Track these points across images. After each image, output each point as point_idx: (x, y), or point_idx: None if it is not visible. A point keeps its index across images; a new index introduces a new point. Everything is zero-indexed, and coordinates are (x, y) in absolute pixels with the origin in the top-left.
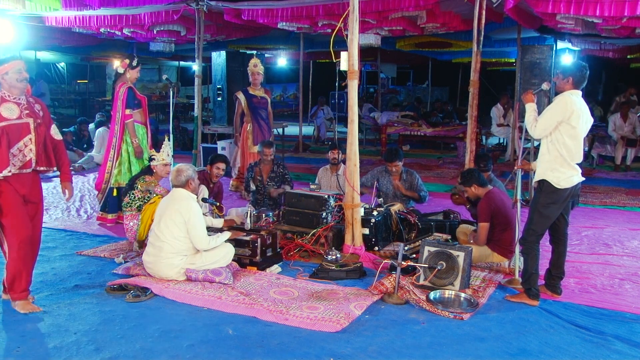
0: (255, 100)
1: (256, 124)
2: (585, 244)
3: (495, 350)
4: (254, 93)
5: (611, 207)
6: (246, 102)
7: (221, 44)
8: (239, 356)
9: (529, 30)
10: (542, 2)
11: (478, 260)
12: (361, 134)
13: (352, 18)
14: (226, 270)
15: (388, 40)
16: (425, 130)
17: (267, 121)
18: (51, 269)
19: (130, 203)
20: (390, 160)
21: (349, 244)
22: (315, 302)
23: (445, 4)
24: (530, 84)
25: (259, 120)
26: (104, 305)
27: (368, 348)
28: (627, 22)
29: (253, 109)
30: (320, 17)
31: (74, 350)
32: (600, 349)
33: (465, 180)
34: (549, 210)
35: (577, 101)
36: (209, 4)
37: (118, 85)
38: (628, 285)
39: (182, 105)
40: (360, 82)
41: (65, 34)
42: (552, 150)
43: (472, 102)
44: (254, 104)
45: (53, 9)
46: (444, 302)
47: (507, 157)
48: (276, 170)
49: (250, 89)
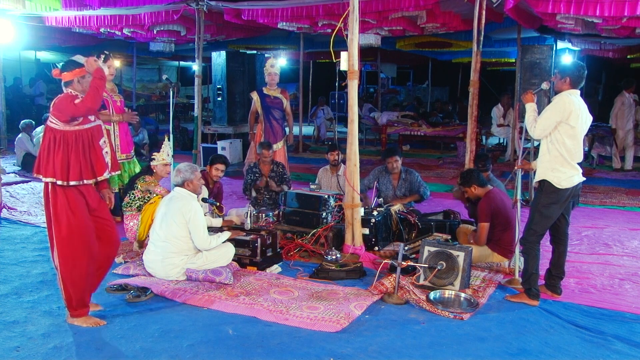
0: (269, 100)
1: (268, 123)
2: (585, 244)
3: (495, 350)
4: (268, 93)
5: (611, 207)
6: (259, 102)
7: (221, 44)
8: (239, 356)
9: (529, 30)
10: (542, 2)
11: (478, 260)
12: (361, 134)
13: (352, 18)
14: (226, 270)
15: (388, 40)
16: (425, 130)
17: (279, 121)
18: (51, 269)
19: (130, 203)
20: (388, 156)
21: (349, 244)
22: (315, 302)
23: (445, 4)
24: (530, 84)
25: (271, 120)
26: (103, 305)
27: (368, 348)
28: (627, 22)
29: (265, 108)
30: (320, 17)
31: (74, 350)
32: (600, 349)
33: (465, 181)
34: (550, 210)
35: (576, 101)
36: (209, 4)
37: None
38: (628, 285)
39: (182, 105)
40: (360, 82)
41: (65, 34)
42: (552, 150)
43: (472, 102)
44: (266, 103)
45: (53, 9)
46: (444, 302)
47: (507, 157)
48: (275, 170)
49: (266, 89)
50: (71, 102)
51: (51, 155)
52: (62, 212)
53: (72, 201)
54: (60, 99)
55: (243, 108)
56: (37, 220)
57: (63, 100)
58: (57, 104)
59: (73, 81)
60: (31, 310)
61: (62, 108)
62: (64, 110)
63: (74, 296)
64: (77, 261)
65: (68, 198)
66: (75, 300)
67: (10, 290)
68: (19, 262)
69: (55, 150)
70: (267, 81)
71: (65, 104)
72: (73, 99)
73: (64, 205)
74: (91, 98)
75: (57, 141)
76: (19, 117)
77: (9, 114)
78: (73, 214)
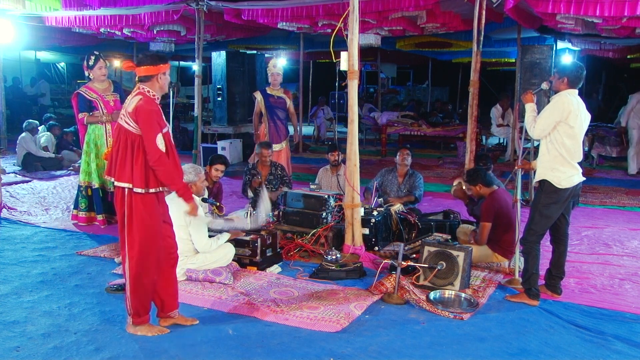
0: (273, 100)
1: (272, 123)
2: (585, 244)
3: (495, 350)
4: (271, 93)
5: (611, 207)
6: (263, 102)
7: (221, 44)
8: (239, 356)
9: (529, 30)
10: (542, 2)
11: (478, 260)
12: (361, 134)
13: (352, 18)
14: (226, 270)
15: (388, 40)
16: (425, 130)
17: (283, 121)
18: (51, 269)
19: None
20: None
21: (349, 244)
22: (315, 302)
23: (445, 4)
24: (530, 84)
25: (275, 120)
26: (104, 305)
27: (368, 348)
28: (627, 22)
29: (269, 108)
30: (320, 17)
31: (74, 350)
32: (600, 349)
33: (471, 179)
34: (550, 210)
35: (574, 101)
36: (209, 4)
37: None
38: (628, 285)
39: (182, 105)
40: (360, 82)
41: (65, 34)
42: (551, 150)
43: (472, 102)
44: (270, 103)
45: (53, 9)
46: (444, 302)
47: (507, 157)
48: (274, 173)
49: (269, 89)
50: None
51: (128, 160)
52: (137, 217)
53: (149, 207)
54: (148, 111)
55: (243, 108)
56: (37, 220)
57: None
58: (142, 114)
59: (153, 77)
60: (31, 310)
61: (151, 122)
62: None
63: (141, 302)
64: (148, 267)
65: (145, 204)
66: (142, 307)
67: (10, 290)
68: (19, 262)
69: (134, 155)
70: (270, 81)
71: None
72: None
73: (140, 211)
74: (166, 174)
75: (135, 146)
76: (19, 117)
77: (9, 114)
78: (150, 219)
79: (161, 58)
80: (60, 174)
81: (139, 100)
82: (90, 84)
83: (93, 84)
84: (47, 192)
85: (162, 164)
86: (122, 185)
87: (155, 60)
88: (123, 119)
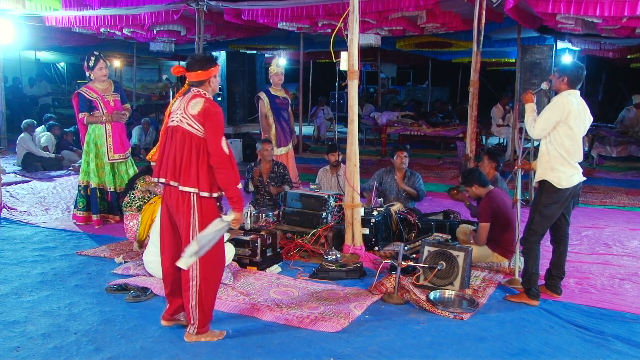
0: (278, 101)
1: (279, 125)
2: (585, 244)
3: (495, 350)
4: (276, 94)
5: (611, 207)
6: (269, 103)
7: (221, 44)
8: (239, 356)
9: (529, 30)
10: (542, 2)
11: (478, 260)
12: (361, 134)
13: (352, 18)
14: (226, 270)
15: (388, 40)
16: (425, 130)
17: (288, 122)
18: (51, 269)
19: (130, 203)
20: (398, 150)
21: (349, 244)
22: (315, 302)
23: (445, 4)
24: (530, 84)
25: (282, 122)
26: (104, 305)
27: (368, 348)
28: (627, 22)
29: (276, 109)
30: (320, 17)
31: (74, 350)
32: (600, 349)
33: (467, 180)
34: (550, 210)
35: (574, 101)
36: (209, 4)
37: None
38: (628, 285)
39: None
40: (360, 82)
41: (65, 34)
42: (551, 150)
43: (472, 102)
44: (276, 104)
45: (53, 9)
46: (444, 302)
47: (507, 157)
48: (276, 170)
49: (272, 89)
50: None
51: (194, 164)
52: (206, 221)
53: (212, 210)
54: (215, 113)
55: (243, 108)
56: (37, 220)
57: (219, 117)
58: (211, 116)
59: (206, 81)
60: (31, 310)
61: (219, 124)
62: (219, 129)
63: (208, 311)
64: (218, 272)
65: (210, 207)
66: (209, 314)
67: (10, 290)
68: (19, 262)
69: (199, 159)
70: (274, 81)
71: (220, 123)
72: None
73: (208, 215)
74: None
75: (201, 150)
76: (19, 117)
77: (9, 114)
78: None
79: (210, 60)
80: (60, 174)
81: (203, 103)
82: (91, 84)
83: (94, 84)
84: (47, 192)
85: (227, 167)
86: (187, 190)
87: (205, 65)
88: (185, 121)
